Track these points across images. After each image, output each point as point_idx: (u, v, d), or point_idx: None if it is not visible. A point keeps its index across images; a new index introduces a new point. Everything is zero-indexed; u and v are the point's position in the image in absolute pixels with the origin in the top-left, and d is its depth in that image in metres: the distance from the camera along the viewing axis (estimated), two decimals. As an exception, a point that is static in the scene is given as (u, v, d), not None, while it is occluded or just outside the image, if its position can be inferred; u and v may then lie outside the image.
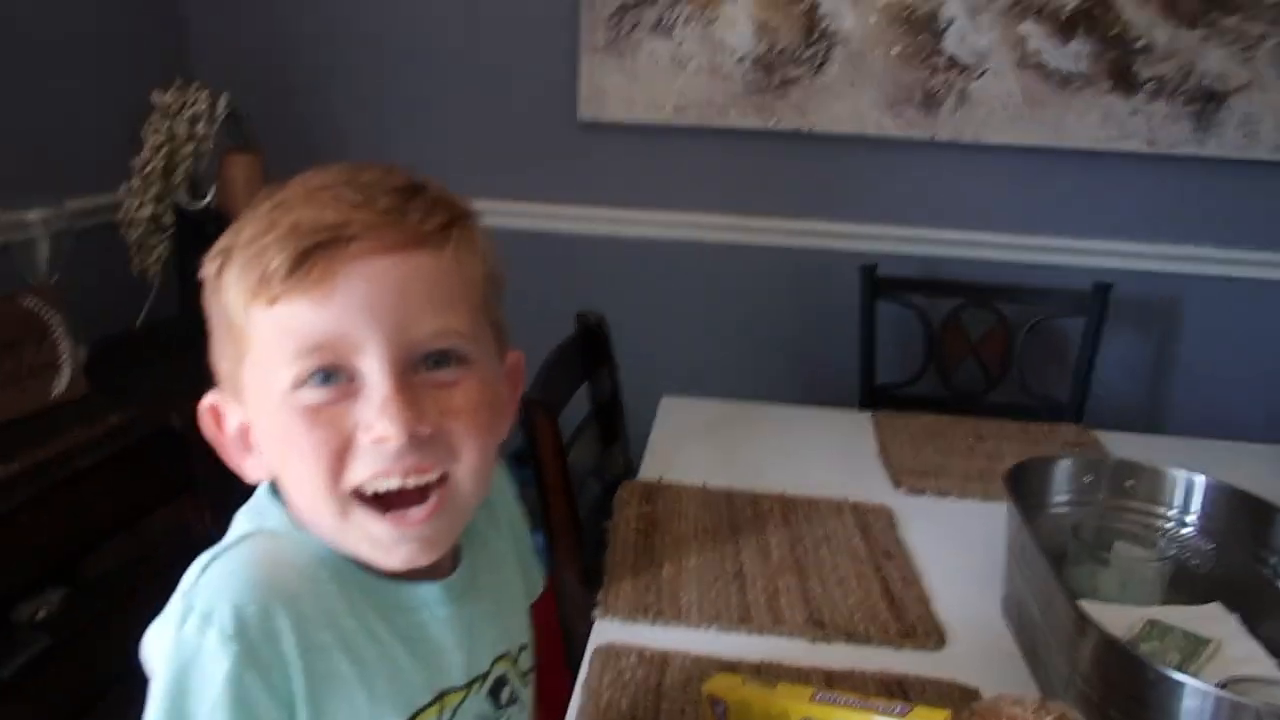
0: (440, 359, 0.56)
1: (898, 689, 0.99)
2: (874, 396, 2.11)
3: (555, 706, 0.96)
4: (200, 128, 1.91)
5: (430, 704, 0.60)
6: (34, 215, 1.68)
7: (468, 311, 0.58)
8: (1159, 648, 1.00)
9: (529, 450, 1.23)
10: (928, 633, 1.10)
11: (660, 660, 1.02)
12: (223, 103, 1.94)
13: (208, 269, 0.59)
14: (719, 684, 0.83)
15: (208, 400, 0.62)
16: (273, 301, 0.54)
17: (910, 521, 1.40)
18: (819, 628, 1.11)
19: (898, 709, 0.75)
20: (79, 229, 1.78)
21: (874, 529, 1.36)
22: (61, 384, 1.67)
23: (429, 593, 0.62)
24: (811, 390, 2.22)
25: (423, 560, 0.58)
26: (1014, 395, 2.10)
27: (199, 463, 1.08)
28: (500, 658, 0.67)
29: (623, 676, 0.99)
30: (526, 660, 0.72)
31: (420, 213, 0.56)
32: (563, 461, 1.23)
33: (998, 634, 1.12)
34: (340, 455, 0.55)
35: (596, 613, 1.12)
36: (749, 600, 1.16)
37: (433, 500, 0.56)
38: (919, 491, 1.51)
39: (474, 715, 0.64)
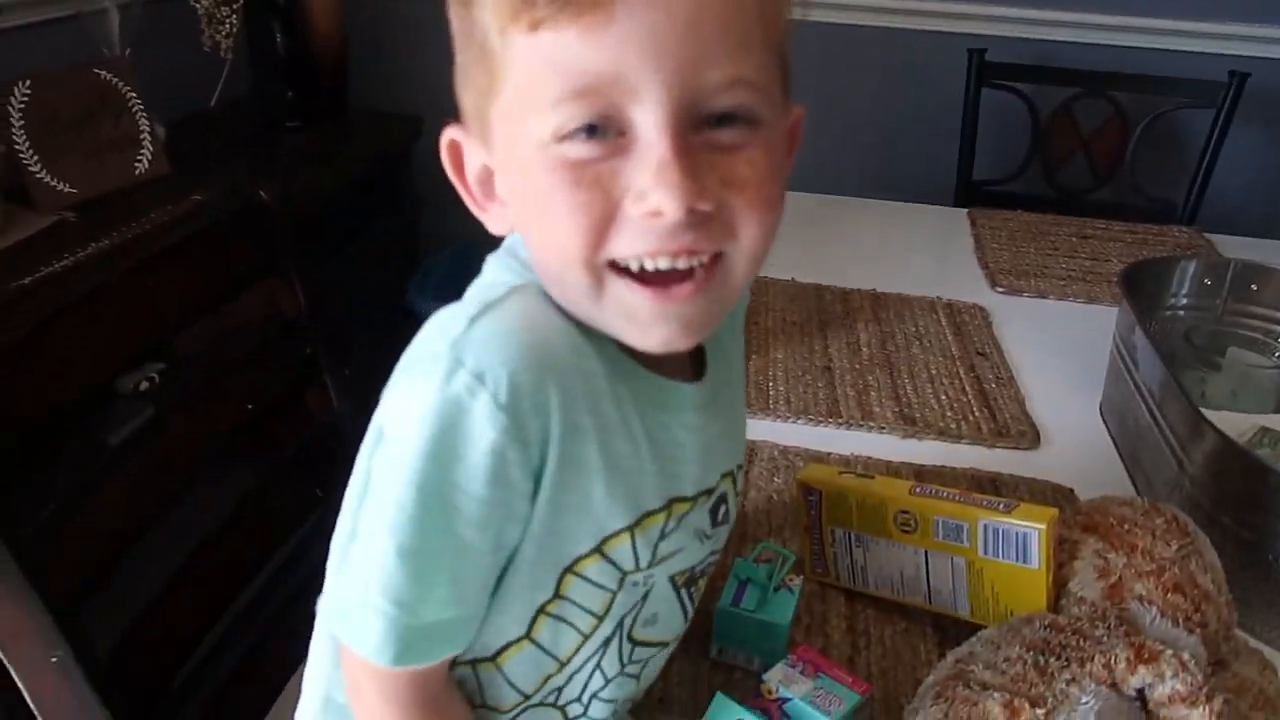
0: (727, 117, 0.47)
1: (990, 487, 0.97)
2: (971, 193, 2.00)
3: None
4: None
5: (659, 510, 0.56)
6: (102, -17, 1.61)
7: (764, 54, 0.47)
8: (1271, 455, 0.96)
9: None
10: (1022, 432, 1.08)
11: (749, 450, 1.02)
12: None
13: None
14: (813, 473, 0.82)
15: (449, 134, 0.53)
16: (536, 26, 0.44)
17: (1006, 322, 1.35)
18: (909, 424, 1.09)
19: (1001, 505, 0.73)
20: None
21: (968, 328, 1.32)
22: (144, 162, 1.67)
23: (685, 394, 0.57)
24: (904, 185, 2.11)
25: (682, 342, 0.50)
26: (1123, 195, 1.98)
27: (287, 242, 1.07)
28: (726, 474, 0.63)
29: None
30: (740, 480, 0.68)
31: None
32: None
33: (1095, 436, 1.09)
34: (604, 223, 0.46)
35: (683, 401, 1.11)
36: (838, 395, 1.14)
37: (700, 277, 0.48)
38: (1016, 292, 1.44)
39: (694, 528, 0.59)
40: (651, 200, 0.45)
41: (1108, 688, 0.60)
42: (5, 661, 0.66)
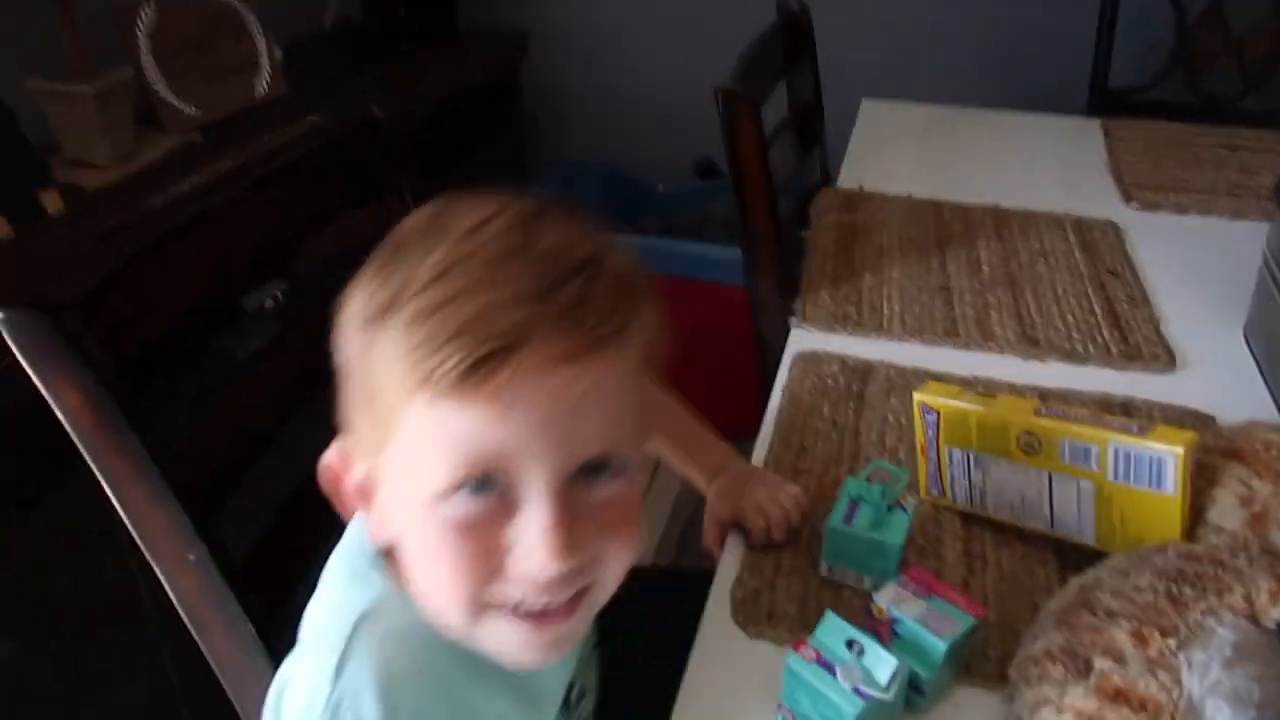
0: (598, 468, 0.50)
1: (1120, 412, 0.93)
2: (1105, 101, 1.87)
3: (745, 406, 0.96)
4: None
5: None
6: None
7: (633, 413, 0.52)
8: None
9: (729, 148, 1.15)
10: (1155, 354, 1.02)
11: (863, 370, 0.99)
12: None
13: (355, 315, 0.50)
14: (932, 392, 0.79)
15: (330, 458, 0.56)
16: (436, 401, 0.47)
17: (1141, 239, 1.27)
18: (1032, 345, 1.04)
19: (1135, 427, 0.69)
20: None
21: (1098, 245, 1.24)
22: (262, 83, 1.70)
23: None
24: (1030, 94, 1.99)
25: (555, 659, 0.56)
26: (1275, 102, 1.82)
27: (400, 160, 1.08)
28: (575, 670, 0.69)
29: (824, 383, 0.97)
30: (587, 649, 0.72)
31: (605, 309, 0.49)
32: (765, 162, 1.16)
33: (1238, 360, 1.02)
34: (487, 578, 0.50)
35: (794, 321, 1.09)
36: (956, 314, 1.10)
37: (572, 606, 0.53)
38: (1153, 208, 1.35)
39: None
40: (535, 562, 0.49)
41: (1246, 619, 0.57)
42: (150, 560, 0.71)
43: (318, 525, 0.88)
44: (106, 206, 1.35)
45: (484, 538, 0.49)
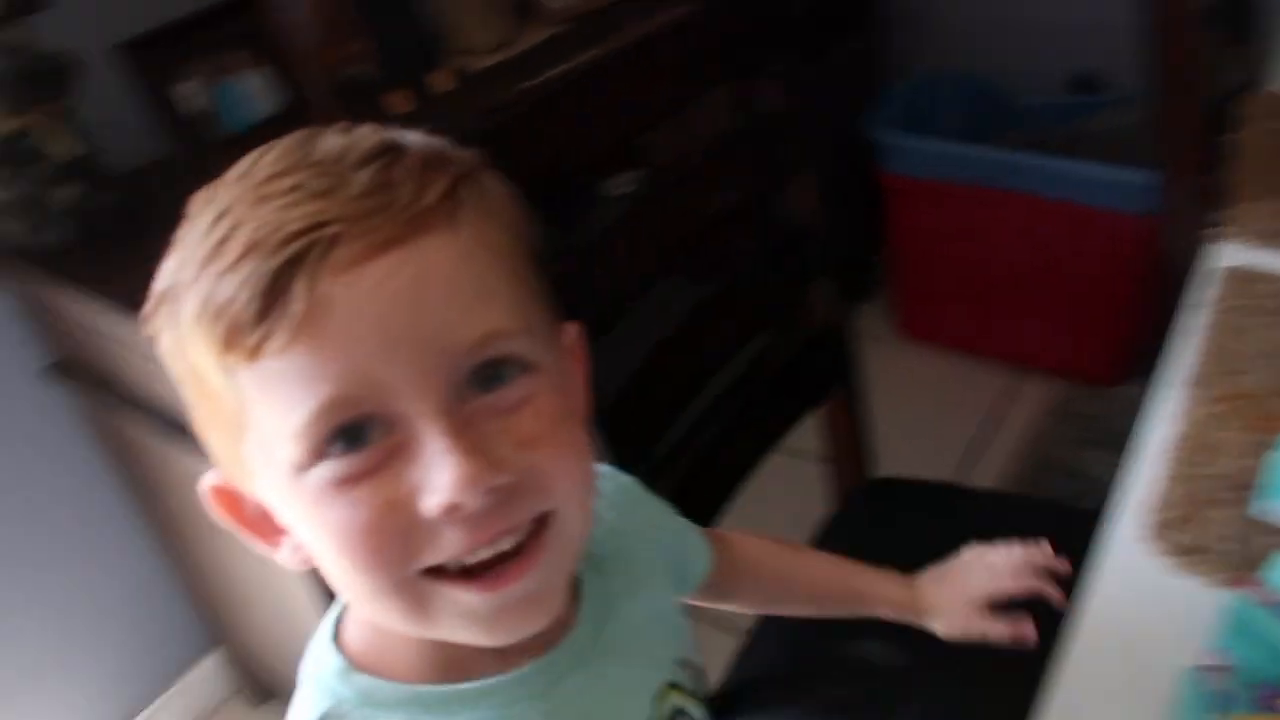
0: (492, 374, 0.40)
1: None
2: None
3: (1117, 340, 0.83)
4: None
5: None
6: None
7: (509, 296, 0.42)
8: None
9: (1152, 31, 0.99)
10: None
11: None
12: None
13: (151, 322, 0.42)
14: None
15: (208, 482, 0.45)
16: (254, 355, 0.38)
17: None
18: None
19: None
20: None
21: None
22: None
23: (527, 682, 0.48)
24: None
25: (534, 622, 0.43)
26: None
27: (755, 50, 1.04)
28: (670, 687, 0.55)
29: (1261, 303, 0.82)
30: (693, 667, 0.59)
31: (412, 181, 0.40)
32: (1196, 46, 0.99)
33: None
34: (400, 539, 0.40)
35: (1215, 235, 0.93)
36: None
37: (531, 550, 0.42)
38: None
39: None
40: (442, 495, 0.38)
41: None
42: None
43: (673, 398, 0.88)
44: (487, 87, 1.44)
45: (378, 491, 0.39)
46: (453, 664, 0.46)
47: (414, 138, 0.42)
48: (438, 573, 0.41)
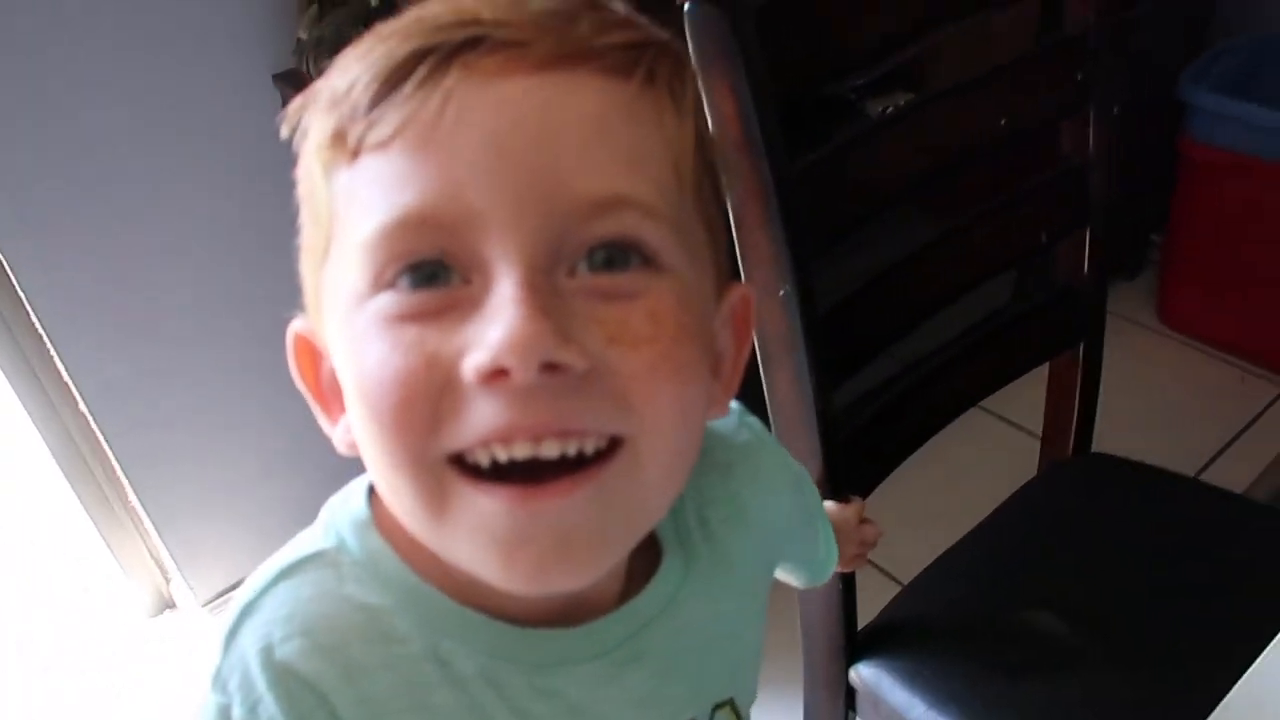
0: (614, 254, 0.33)
1: None
2: None
3: None
4: None
5: None
6: None
7: (665, 181, 0.34)
8: None
9: None
10: None
11: None
12: None
13: (287, 122, 0.36)
14: None
15: (294, 329, 0.39)
16: (356, 150, 0.33)
17: None
18: None
19: None
20: None
21: None
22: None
23: (570, 644, 0.39)
24: None
25: (562, 579, 0.34)
26: None
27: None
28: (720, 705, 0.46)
29: None
30: (736, 715, 0.47)
31: (596, 24, 0.34)
32: None
33: None
34: (432, 402, 0.32)
35: None
36: None
37: (587, 474, 0.33)
38: None
39: None
40: (488, 354, 0.31)
41: None
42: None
43: (900, 311, 0.84)
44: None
45: (426, 339, 0.32)
46: (475, 591, 0.37)
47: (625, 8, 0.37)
48: (468, 470, 0.33)
